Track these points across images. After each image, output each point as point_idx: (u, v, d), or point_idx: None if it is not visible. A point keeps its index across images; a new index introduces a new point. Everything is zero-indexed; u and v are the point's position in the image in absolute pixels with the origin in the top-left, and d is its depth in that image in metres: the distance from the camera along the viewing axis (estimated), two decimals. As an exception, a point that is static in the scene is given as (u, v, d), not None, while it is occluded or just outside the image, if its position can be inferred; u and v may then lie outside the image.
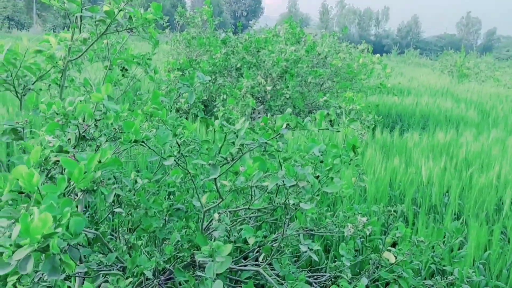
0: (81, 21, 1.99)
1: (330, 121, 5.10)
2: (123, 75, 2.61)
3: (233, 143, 1.62)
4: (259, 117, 7.17)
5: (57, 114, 1.46)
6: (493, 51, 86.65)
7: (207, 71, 6.79)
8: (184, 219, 2.11)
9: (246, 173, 1.74)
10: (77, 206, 1.71)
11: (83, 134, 1.52)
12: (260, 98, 6.86)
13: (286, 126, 1.64)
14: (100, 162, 1.49)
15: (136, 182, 2.07)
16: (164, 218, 2.06)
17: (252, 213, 2.14)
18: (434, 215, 3.59)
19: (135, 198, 1.99)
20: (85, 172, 1.36)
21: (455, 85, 16.54)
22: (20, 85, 1.97)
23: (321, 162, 2.02)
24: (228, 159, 1.63)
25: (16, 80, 1.96)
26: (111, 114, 1.46)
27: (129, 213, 2.05)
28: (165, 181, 2.11)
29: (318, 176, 1.99)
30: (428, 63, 39.09)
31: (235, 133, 1.58)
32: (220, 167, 1.62)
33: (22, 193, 1.36)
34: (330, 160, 2.00)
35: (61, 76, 2.06)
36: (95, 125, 1.53)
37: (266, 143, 1.61)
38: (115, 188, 1.96)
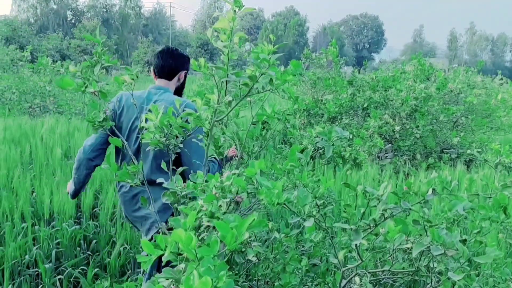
0: (226, 85, 2.15)
1: (467, 165, 4.76)
2: (266, 129, 2.74)
3: (375, 206, 1.61)
4: (386, 156, 6.99)
5: (215, 187, 1.59)
6: None
7: (333, 111, 6.82)
8: (320, 275, 2.12)
9: (387, 235, 1.72)
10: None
11: (234, 204, 1.63)
12: (388, 138, 6.69)
13: (432, 192, 1.59)
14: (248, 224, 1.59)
15: (273, 237, 2.13)
16: (302, 273, 2.09)
17: (393, 275, 2.08)
18: None
19: (273, 255, 2.05)
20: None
21: None
22: (171, 144, 2.17)
23: (465, 218, 1.92)
24: (371, 225, 1.62)
25: (168, 140, 2.16)
26: (263, 189, 1.56)
27: (267, 267, 2.12)
28: (302, 238, 2.15)
29: (465, 240, 1.88)
30: None
31: (378, 198, 1.58)
32: (362, 231, 1.62)
33: (180, 254, 1.48)
34: (478, 222, 1.89)
35: (208, 135, 2.22)
36: (247, 197, 1.63)
37: (410, 208, 1.57)
38: (255, 245, 2.05)
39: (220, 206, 1.61)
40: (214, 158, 2.61)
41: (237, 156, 2.59)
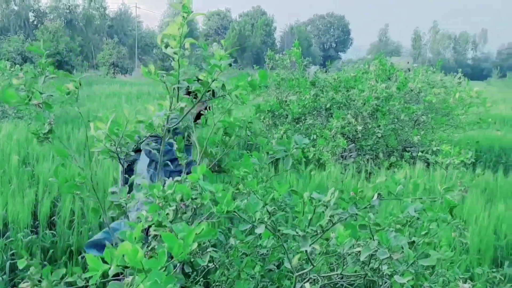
0: (178, 91, 2.13)
1: (427, 163, 4.83)
2: (228, 136, 2.71)
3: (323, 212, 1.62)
4: (350, 155, 7.07)
5: (158, 197, 1.57)
6: None
7: (297, 112, 6.86)
8: (276, 280, 2.13)
9: (337, 240, 1.73)
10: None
11: (180, 211, 1.61)
12: (351, 138, 6.77)
13: (378, 196, 1.61)
14: (196, 234, 1.57)
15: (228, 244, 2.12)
16: (257, 279, 2.09)
17: (347, 278, 2.10)
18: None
19: (228, 260, 2.04)
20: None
21: None
22: (122, 153, 2.13)
23: (418, 219, 1.95)
24: (318, 231, 1.63)
25: (119, 148, 2.12)
26: (207, 194, 1.54)
27: (223, 273, 2.11)
28: (256, 244, 2.14)
29: (414, 242, 1.92)
30: (535, 86, 36.35)
31: (324, 205, 1.58)
32: (311, 237, 1.62)
33: (127, 267, 1.46)
34: (425, 224, 1.92)
35: (161, 142, 2.20)
36: (192, 202, 1.61)
37: (356, 213, 1.59)
38: (209, 251, 2.04)
39: (168, 214, 1.59)
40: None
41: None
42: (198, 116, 3.00)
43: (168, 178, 2.04)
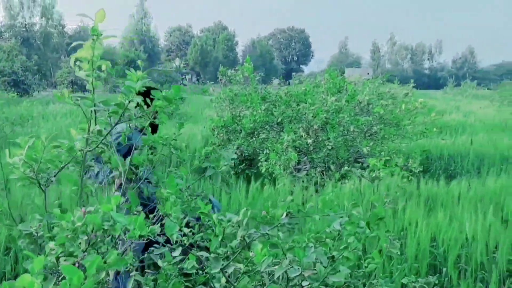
0: (95, 114, 2.11)
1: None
2: (152, 153, 2.70)
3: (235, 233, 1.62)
4: (305, 168, 7.13)
5: (67, 229, 1.54)
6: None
7: (249, 127, 6.90)
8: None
9: (256, 259, 1.74)
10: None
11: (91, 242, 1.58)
12: (303, 151, 6.84)
13: (287, 215, 1.63)
14: (105, 262, 1.55)
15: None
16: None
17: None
18: (483, 274, 3.38)
19: (153, 284, 2.02)
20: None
21: (516, 118, 15.81)
22: (43, 178, 2.09)
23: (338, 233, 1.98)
24: (229, 253, 1.63)
25: (39, 174, 2.07)
26: (118, 226, 1.53)
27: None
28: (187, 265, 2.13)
29: (333, 257, 1.95)
30: (487, 94, 37.80)
31: (233, 226, 1.59)
32: (224, 258, 1.62)
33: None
34: (344, 238, 1.96)
35: (81, 166, 2.16)
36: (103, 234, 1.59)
37: (266, 233, 1.60)
38: (134, 274, 2.01)
39: (80, 243, 1.57)
40: None
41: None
42: (154, 129, 3.13)
43: None
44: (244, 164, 7.50)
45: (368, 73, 65.94)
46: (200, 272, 2.18)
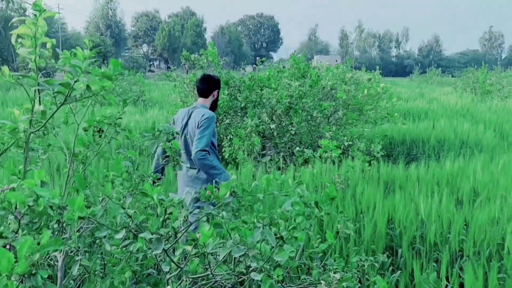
0: (39, 93, 2.02)
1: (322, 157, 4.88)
2: (99, 136, 2.63)
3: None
4: (269, 153, 7.13)
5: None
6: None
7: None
8: (152, 285, 2.07)
9: (202, 240, 1.71)
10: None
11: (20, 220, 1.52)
12: (267, 135, 6.83)
13: (232, 194, 1.60)
14: (39, 244, 1.49)
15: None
16: (127, 286, 2.02)
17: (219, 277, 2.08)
18: (438, 255, 3.45)
19: (100, 268, 1.97)
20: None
21: (477, 104, 16.22)
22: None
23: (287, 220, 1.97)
24: (170, 233, 1.60)
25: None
26: (41, 201, 1.46)
27: (96, 282, 2.03)
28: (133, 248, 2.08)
29: (282, 237, 1.93)
30: (451, 81, 38.62)
31: (174, 205, 1.55)
32: (166, 240, 1.59)
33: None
34: (293, 218, 1.94)
35: (24, 148, 2.08)
36: (30, 211, 1.52)
37: (210, 212, 1.57)
38: (80, 259, 1.96)
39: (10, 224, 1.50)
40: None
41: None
42: (214, 105, 3.85)
43: None
44: (208, 149, 7.44)
45: (336, 61, 66.43)
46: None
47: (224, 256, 1.61)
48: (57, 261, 2.26)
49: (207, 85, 3.74)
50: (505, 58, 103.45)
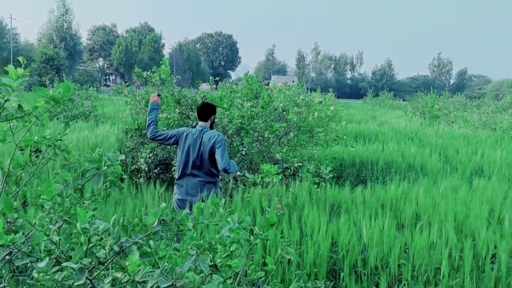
0: (-36, 113, 1.93)
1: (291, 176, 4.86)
2: (36, 157, 2.54)
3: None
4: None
5: None
6: (465, 90, 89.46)
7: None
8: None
9: (130, 268, 1.65)
10: None
11: None
12: (218, 155, 6.78)
13: (160, 222, 1.56)
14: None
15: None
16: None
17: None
18: (378, 278, 3.49)
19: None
20: None
21: (425, 128, 16.79)
22: None
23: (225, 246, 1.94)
24: (94, 262, 1.54)
25: None
26: None
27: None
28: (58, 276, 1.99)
29: (216, 265, 1.90)
30: (402, 104, 39.92)
31: (99, 234, 1.50)
32: (91, 270, 1.52)
33: None
34: (228, 245, 1.92)
35: None
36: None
37: (137, 241, 1.52)
38: (4, 286, 1.86)
39: None
40: None
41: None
42: (211, 127, 4.82)
43: None
44: (159, 168, 7.33)
45: (293, 81, 67.44)
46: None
47: (151, 286, 1.56)
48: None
49: (206, 112, 4.69)
50: (453, 84, 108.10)
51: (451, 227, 3.69)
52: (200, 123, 4.69)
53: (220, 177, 4.73)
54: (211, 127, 4.78)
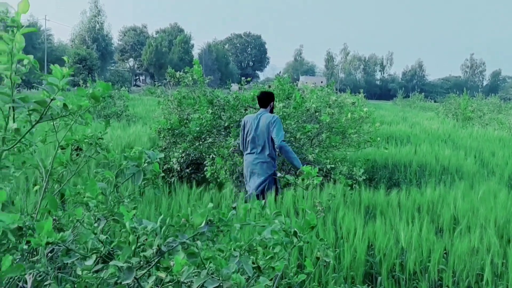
0: (13, 111, 1.96)
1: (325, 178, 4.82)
2: (77, 155, 2.57)
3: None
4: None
5: None
6: (499, 92, 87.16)
7: (195, 131, 6.77)
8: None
9: (175, 269, 1.65)
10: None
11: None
12: (250, 156, 6.78)
13: (207, 223, 1.56)
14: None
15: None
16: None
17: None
18: (417, 284, 3.42)
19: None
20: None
21: (458, 130, 16.43)
22: None
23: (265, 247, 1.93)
24: (142, 262, 1.54)
25: None
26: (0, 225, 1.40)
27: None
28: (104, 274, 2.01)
29: (259, 267, 1.88)
30: (434, 106, 39.20)
31: (146, 234, 1.50)
32: (137, 269, 1.53)
33: None
34: (271, 248, 1.90)
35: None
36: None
37: (184, 241, 1.52)
38: (49, 283, 1.89)
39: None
40: None
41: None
42: (271, 112, 5.49)
43: None
44: (190, 168, 7.38)
45: (322, 82, 67.06)
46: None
47: (197, 287, 1.56)
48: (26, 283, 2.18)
49: (265, 98, 5.35)
50: (486, 85, 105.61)
51: (492, 232, 3.59)
52: (261, 109, 5.36)
53: (276, 166, 5.27)
54: (271, 112, 5.41)
